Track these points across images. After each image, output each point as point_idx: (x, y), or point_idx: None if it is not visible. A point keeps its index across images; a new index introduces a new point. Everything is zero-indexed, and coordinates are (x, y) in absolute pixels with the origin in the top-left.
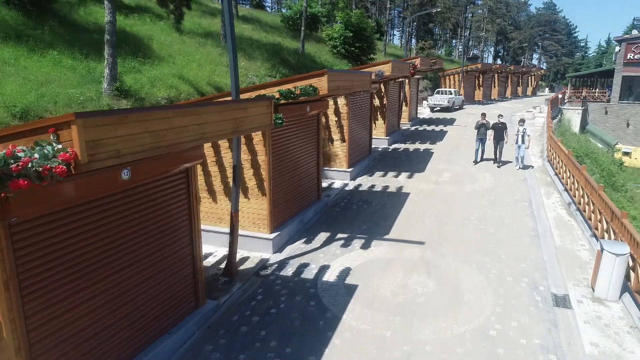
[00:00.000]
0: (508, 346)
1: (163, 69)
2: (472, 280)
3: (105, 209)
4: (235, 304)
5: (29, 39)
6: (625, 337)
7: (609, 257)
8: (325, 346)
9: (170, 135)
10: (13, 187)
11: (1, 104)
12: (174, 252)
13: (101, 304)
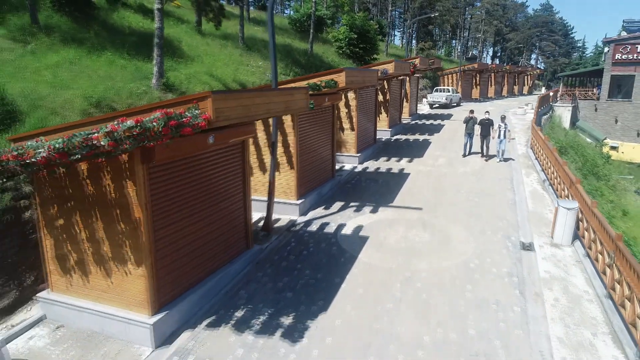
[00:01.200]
0: (483, 273)
1: (194, 67)
2: (458, 233)
3: (198, 163)
4: (275, 248)
5: (83, 42)
6: (571, 268)
7: (562, 211)
8: (346, 273)
9: (252, 109)
10: (184, 132)
11: (81, 95)
12: (234, 204)
13: (197, 228)
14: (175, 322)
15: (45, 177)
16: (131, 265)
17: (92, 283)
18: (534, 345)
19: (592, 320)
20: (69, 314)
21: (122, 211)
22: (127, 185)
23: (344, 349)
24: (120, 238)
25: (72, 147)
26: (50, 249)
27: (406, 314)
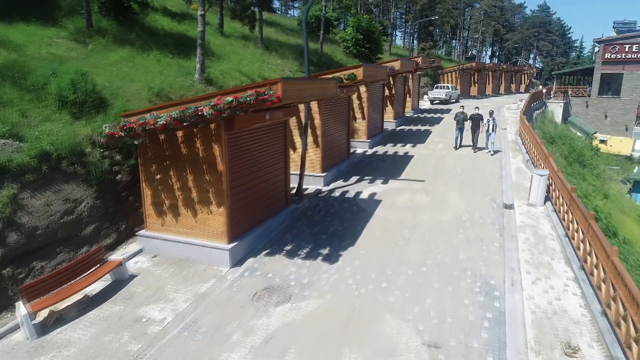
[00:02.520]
0: (472, 223)
1: (225, 65)
2: (454, 197)
3: (257, 135)
4: (307, 208)
5: (131, 42)
6: (541, 219)
7: (536, 177)
8: (366, 223)
9: (302, 92)
10: (267, 105)
11: (144, 86)
12: (277, 170)
13: (254, 184)
14: (242, 251)
15: (147, 143)
16: (214, 207)
17: (181, 222)
18: (507, 264)
19: (551, 251)
20: (163, 246)
21: (209, 166)
22: (214, 146)
23: (368, 267)
24: (206, 186)
25: (185, 116)
26: (149, 198)
27: (413, 247)
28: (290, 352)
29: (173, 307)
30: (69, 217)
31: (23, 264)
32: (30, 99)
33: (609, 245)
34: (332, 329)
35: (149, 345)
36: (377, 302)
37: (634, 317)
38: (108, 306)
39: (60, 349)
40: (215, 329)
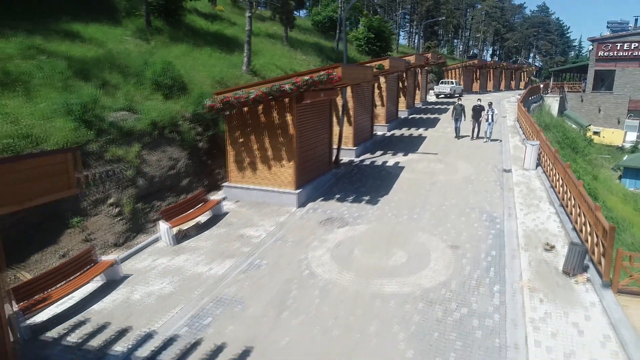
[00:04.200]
0: (478, 181)
1: (261, 59)
2: (463, 165)
3: (313, 109)
4: (345, 172)
5: (183, 40)
6: (533, 178)
7: (529, 147)
8: (395, 181)
9: (353, 75)
10: (334, 82)
11: (207, 76)
12: (325, 139)
13: (310, 147)
14: (304, 196)
15: (233, 114)
16: (285, 162)
17: (257, 175)
18: (505, 204)
19: (539, 197)
20: (242, 193)
21: (282, 131)
22: (287, 115)
23: (401, 207)
24: (279, 146)
25: (272, 91)
26: (232, 157)
27: (433, 195)
28: (355, 251)
29: (263, 229)
30: (172, 171)
31: (147, 201)
32: (133, 83)
33: (577, 180)
34: (381, 239)
35: (255, 248)
36: (411, 226)
37: (590, 220)
38: (215, 229)
39: (193, 251)
40: (298, 240)
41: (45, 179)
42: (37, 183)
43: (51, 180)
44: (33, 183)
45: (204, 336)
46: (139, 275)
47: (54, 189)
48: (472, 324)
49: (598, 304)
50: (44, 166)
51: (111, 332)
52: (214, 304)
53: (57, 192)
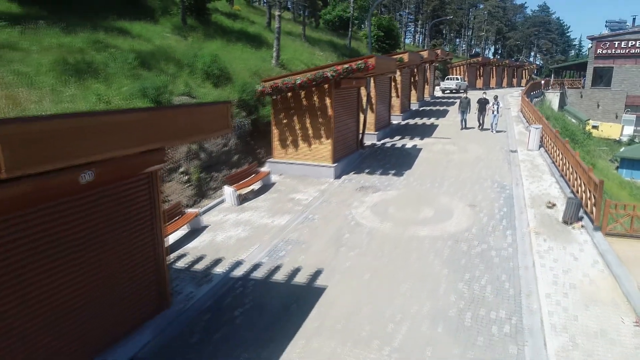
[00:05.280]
0: (488, 159)
1: (286, 54)
2: (473, 147)
3: (344, 94)
4: (370, 152)
5: (214, 36)
6: (536, 157)
7: (533, 130)
8: (415, 159)
9: (383, 67)
10: (369, 70)
11: (243, 68)
12: (353, 122)
13: (344, 127)
14: (339, 170)
15: (278, 98)
16: (323, 139)
17: (299, 151)
18: (513, 176)
19: (542, 171)
20: (285, 168)
21: (321, 112)
22: (326, 99)
23: (424, 178)
24: (319, 126)
25: (317, 77)
26: (276, 136)
27: (450, 170)
28: (390, 209)
29: (309, 194)
30: (225, 148)
31: (208, 172)
32: (187, 72)
33: (574, 152)
34: (410, 200)
35: (305, 207)
36: (434, 191)
37: (584, 180)
38: (268, 194)
39: (255, 209)
40: (341, 201)
41: (212, 122)
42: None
43: (216, 122)
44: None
45: (282, 263)
46: (216, 225)
47: (218, 128)
48: (490, 254)
49: (590, 242)
50: (212, 112)
51: (208, 261)
52: (284, 243)
53: (220, 131)
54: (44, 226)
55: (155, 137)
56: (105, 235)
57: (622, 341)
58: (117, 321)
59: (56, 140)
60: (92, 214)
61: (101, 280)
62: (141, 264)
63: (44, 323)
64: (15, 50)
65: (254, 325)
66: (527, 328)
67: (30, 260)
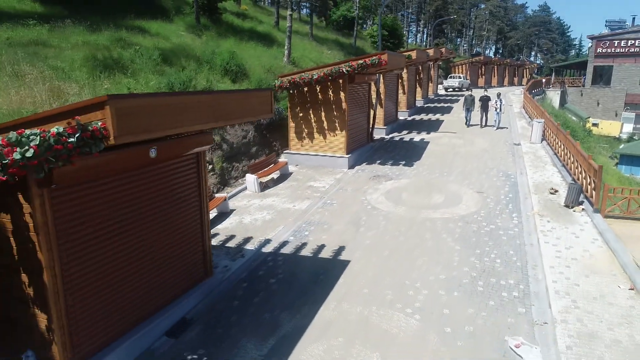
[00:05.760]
0: (493, 151)
1: (296, 52)
2: (479, 140)
3: (359, 89)
4: (380, 145)
5: (227, 35)
6: (539, 149)
7: (535, 124)
8: (423, 151)
9: (395, 63)
10: (382, 66)
11: (260, 66)
12: (364, 116)
13: (356, 124)
14: (352, 161)
15: (294, 92)
16: (338, 131)
17: (314, 143)
18: (517, 166)
19: (545, 161)
20: (301, 159)
21: (336, 106)
22: (340, 93)
23: (432, 168)
24: (333, 119)
25: (333, 73)
26: (292, 128)
27: (457, 161)
28: (403, 195)
29: (325, 182)
30: (244, 140)
31: (229, 162)
32: (207, 68)
33: (575, 142)
34: (421, 188)
35: (323, 194)
36: (443, 179)
37: (584, 167)
38: (287, 182)
39: (276, 195)
40: (356, 189)
41: (259, 106)
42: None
43: (262, 107)
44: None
45: (307, 241)
46: (242, 209)
47: (263, 112)
48: (498, 233)
49: (590, 223)
50: (259, 97)
51: (239, 239)
52: (307, 224)
53: (264, 114)
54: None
55: (219, 116)
56: (166, 206)
57: (618, 303)
58: (172, 284)
59: (152, 114)
60: (157, 185)
61: (163, 246)
62: (191, 234)
63: (124, 276)
64: (47, 47)
65: (288, 291)
66: (534, 293)
67: (117, 220)
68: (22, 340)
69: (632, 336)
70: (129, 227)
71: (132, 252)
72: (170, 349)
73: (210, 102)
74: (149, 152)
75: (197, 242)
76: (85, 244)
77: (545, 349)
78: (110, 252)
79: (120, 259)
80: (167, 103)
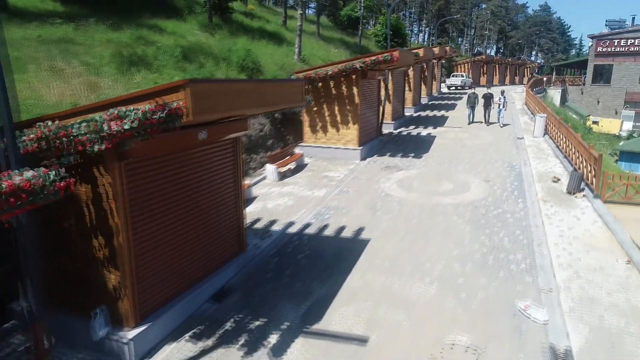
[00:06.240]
0: (498, 144)
1: (304, 51)
2: (484, 134)
3: (370, 85)
4: (389, 138)
5: (238, 34)
6: (541, 142)
7: (538, 118)
8: (431, 144)
9: (405, 60)
10: (394, 62)
11: (273, 63)
12: (375, 111)
13: (368, 116)
14: (364, 153)
15: (309, 87)
16: (350, 125)
17: (327, 136)
18: (521, 158)
19: (547, 154)
20: (315, 151)
21: (349, 100)
22: (353, 88)
23: (441, 160)
24: (346, 113)
25: (347, 69)
26: (307, 122)
27: (464, 153)
28: (414, 183)
29: (340, 172)
30: (261, 133)
31: (248, 154)
32: (225, 65)
33: (574, 133)
34: (431, 177)
35: (339, 182)
36: (451, 170)
37: (585, 156)
38: (304, 173)
39: (294, 184)
40: (369, 178)
41: (293, 95)
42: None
43: (295, 96)
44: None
45: (328, 223)
46: (264, 196)
47: (296, 101)
48: (505, 216)
49: (590, 207)
50: (293, 87)
51: (265, 222)
52: (326, 209)
53: (297, 103)
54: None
55: (264, 101)
56: (210, 185)
57: (616, 273)
58: (214, 256)
59: (219, 97)
60: (203, 166)
61: (206, 221)
62: (229, 212)
63: (177, 244)
64: (75, 45)
65: (315, 265)
66: (539, 265)
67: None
68: (95, 298)
69: (628, 300)
70: (181, 201)
71: (183, 223)
72: (216, 311)
73: (257, 89)
74: (200, 134)
75: (233, 220)
76: (149, 213)
77: (550, 310)
78: (167, 222)
79: (174, 228)
80: (230, 88)
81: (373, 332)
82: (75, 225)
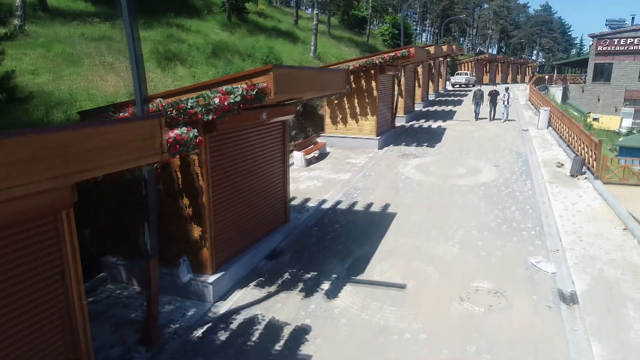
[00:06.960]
0: (504, 136)
1: (318, 49)
2: (491, 127)
3: (387, 80)
4: (402, 130)
5: (255, 32)
6: (545, 134)
7: (542, 111)
8: (442, 136)
9: (418, 54)
10: (410, 57)
11: (291, 60)
12: (390, 104)
13: (384, 108)
14: (381, 142)
15: None
16: (369, 116)
17: (347, 127)
18: (527, 147)
19: (551, 143)
20: (336, 140)
21: (368, 94)
22: (372, 82)
23: (452, 149)
24: (365, 105)
25: (367, 64)
26: (328, 114)
27: (473, 143)
28: (430, 168)
29: (361, 159)
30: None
31: None
32: (249, 62)
33: (578, 123)
34: (445, 163)
35: (361, 168)
36: (463, 157)
37: (586, 143)
38: (327, 159)
39: (320, 169)
40: (389, 164)
41: (338, 82)
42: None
43: (340, 83)
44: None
45: (357, 200)
46: (294, 179)
47: (340, 87)
48: (515, 194)
49: (591, 187)
50: (338, 75)
51: (300, 200)
52: (353, 189)
53: (341, 90)
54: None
55: (319, 87)
56: (264, 159)
57: (613, 238)
58: (266, 222)
59: (293, 80)
60: (261, 142)
61: (261, 191)
62: (278, 185)
63: (241, 208)
64: (115, 42)
65: (352, 232)
66: (547, 232)
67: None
68: (178, 250)
69: (624, 257)
70: (245, 172)
71: (245, 191)
72: (272, 267)
73: (316, 75)
74: (262, 115)
75: (280, 192)
76: (223, 178)
77: (558, 264)
78: (235, 188)
79: (240, 194)
80: (299, 73)
81: (409, 280)
82: (165, 188)
